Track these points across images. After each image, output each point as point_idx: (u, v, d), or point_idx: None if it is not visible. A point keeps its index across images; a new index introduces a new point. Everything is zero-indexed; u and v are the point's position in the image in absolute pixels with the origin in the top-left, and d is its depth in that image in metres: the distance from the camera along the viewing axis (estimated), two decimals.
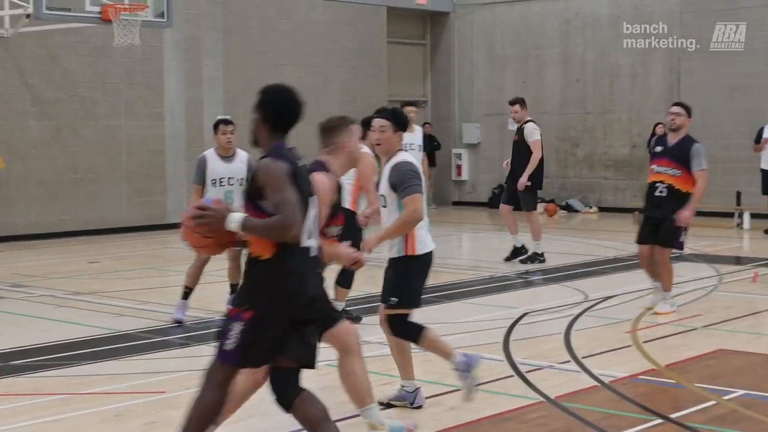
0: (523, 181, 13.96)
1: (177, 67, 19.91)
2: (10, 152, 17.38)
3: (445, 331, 7.90)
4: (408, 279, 6.70)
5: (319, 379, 6.95)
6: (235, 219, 4.98)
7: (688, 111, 10.29)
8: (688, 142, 10.16)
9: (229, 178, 10.21)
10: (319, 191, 5.40)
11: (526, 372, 7.86)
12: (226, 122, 10.54)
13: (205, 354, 9.00)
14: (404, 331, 6.73)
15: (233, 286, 10.23)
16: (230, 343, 5.02)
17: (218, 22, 20.58)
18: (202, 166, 10.20)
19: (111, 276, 13.55)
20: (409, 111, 12.58)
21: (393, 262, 6.78)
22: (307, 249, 5.19)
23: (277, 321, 5.04)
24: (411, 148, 12.26)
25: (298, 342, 5.13)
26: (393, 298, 6.67)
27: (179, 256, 15.37)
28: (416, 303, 6.78)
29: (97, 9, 14.73)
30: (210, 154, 10.36)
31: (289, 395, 5.18)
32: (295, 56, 21.88)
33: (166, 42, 19.56)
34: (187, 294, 10.15)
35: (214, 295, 11.01)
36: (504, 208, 14.44)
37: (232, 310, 5.08)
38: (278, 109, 5.26)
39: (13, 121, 17.61)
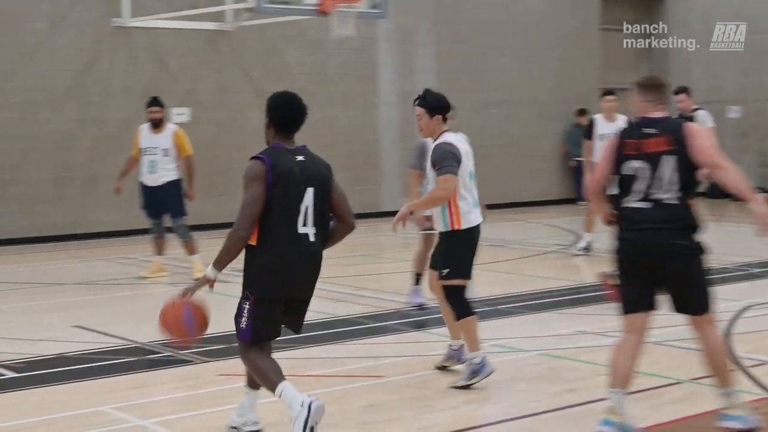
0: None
1: (390, 58, 20.19)
2: (233, 142, 18.06)
3: (667, 322, 7.70)
4: (454, 252, 7.26)
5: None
6: (208, 271, 5.88)
7: None
8: None
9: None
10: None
11: (750, 367, 7.59)
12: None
13: (421, 340, 9.15)
14: (454, 303, 7.26)
15: (417, 276, 10.23)
16: (242, 323, 5.83)
17: (430, 12, 20.73)
18: (420, 152, 9.89)
19: (327, 262, 13.78)
20: (609, 100, 12.49)
21: (441, 236, 7.40)
22: (299, 235, 5.81)
23: (271, 302, 5.80)
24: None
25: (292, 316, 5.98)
26: (444, 270, 7.23)
27: (392, 243, 15.62)
28: (465, 274, 7.27)
29: (315, 1, 15.07)
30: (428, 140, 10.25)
31: None
32: (506, 44, 21.80)
33: (379, 33, 19.86)
34: (417, 279, 10.25)
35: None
36: None
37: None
38: (279, 114, 5.97)
39: (236, 112, 18.27)
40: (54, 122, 16.49)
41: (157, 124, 12.53)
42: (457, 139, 7.40)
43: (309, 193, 5.82)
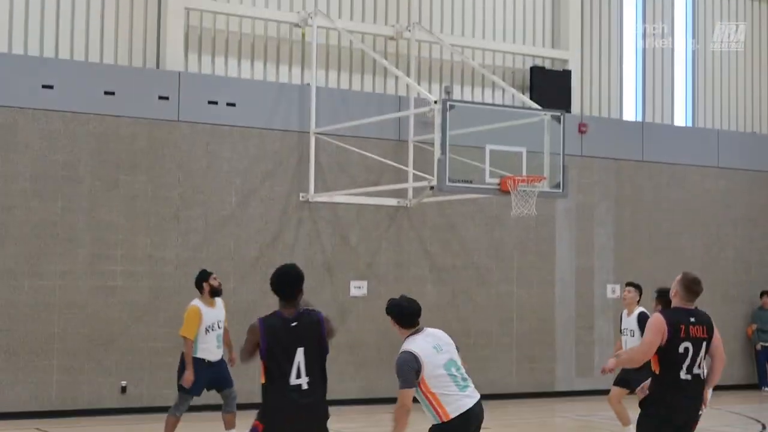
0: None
1: (568, 235, 20.18)
2: None
3: None
4: None
5: None
6: None
7: None
8: None
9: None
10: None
11: None
12: None
13: None
14: None
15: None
16: None
17: (611, 191, 20.73)
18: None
19: None
20: None
21: None
22: (292, 386, 7.20)
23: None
24: None
25: None
26: None
27: (569, 425, 15.26)
28: None
29: (497, 181, 15.29)
30: None
31: None
32: (689, 224, 21.53)
33: (558, 210, 19.94)
34: None
35: None
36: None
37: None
38: (275, 284, 7.44)
39: (412, 285, 18.45)
40: (240, 292, 17.01)
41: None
42: (420, 339, 7.82)
43: (299, 352, 7.24)
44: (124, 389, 16.21)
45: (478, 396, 7.81)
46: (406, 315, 7.97)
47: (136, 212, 16.49)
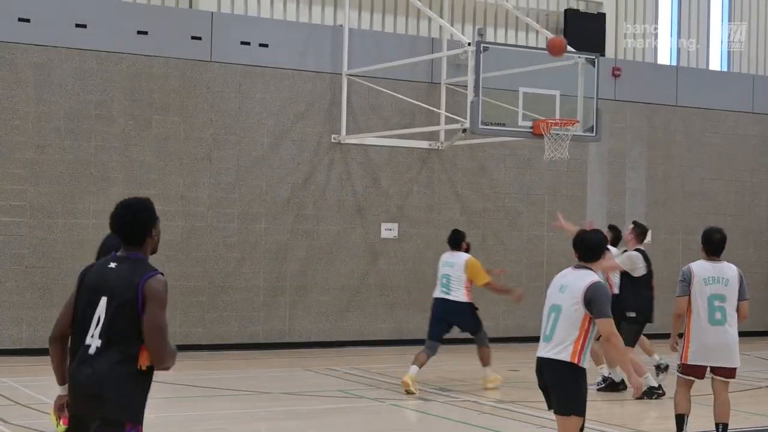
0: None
1: (600, 180, 20.11)
2: (439, 258, 18.24)
3: None
4: None
5: None
6: None
7: None
8: None
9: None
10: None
11: None
12: None
13: None
14: None
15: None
16: None
17: (644, 135, 20.60)
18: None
19: (531, 385, 13.67)
20: None
21: None
22: (83, 346, 5.37)
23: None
24: None
25: None
26: None
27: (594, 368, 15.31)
28: None
29: (529, 124, 15.22)
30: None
31: None
32: (721, 170, 21.39)
33: (590, 155, 19.85)
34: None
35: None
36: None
37: None
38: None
39: (443, 228, 18.41)
40: (271, 233, 17.11)
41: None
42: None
43: (102, 303, 5.40)
44: None
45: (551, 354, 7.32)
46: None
47: (169, 152, 16.57)
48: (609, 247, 12.48)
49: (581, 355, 7.10)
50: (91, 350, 5.30)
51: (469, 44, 15.19)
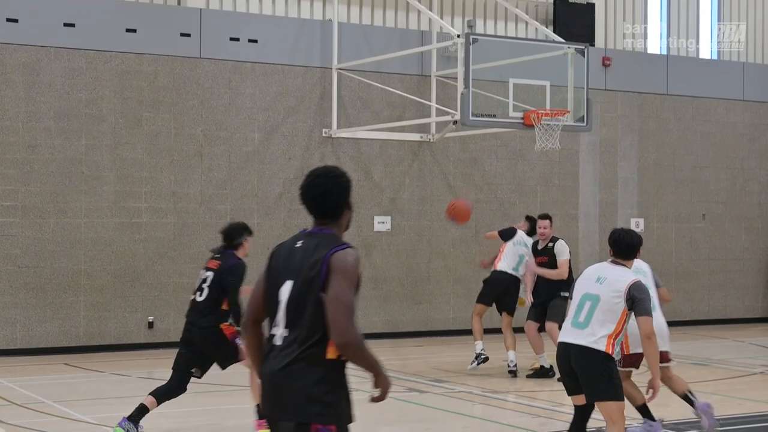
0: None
1: (592, 169, 20.13)
2: (432, 251, 18.32)
3: None
4: None
5: None
6: None
7: None
8: None
9: None
10: None
11: None
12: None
13: None
14: None
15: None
16: None
17: (635, 125, 20.62)
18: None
19: (524, 375, 13.72)
20: None
21: None
22: (271, 336, 4.72)
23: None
24: None
25: None
26: None
27: None
28: None
29: (520, 115, 15.24)
30: None
31: None
32: (713, 158, 21.43)
33: (582, 145, 19.88)
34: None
35: None
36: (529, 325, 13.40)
37: None
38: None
39: (435, 221, 18.51)
40: (263, 228, 17.10)
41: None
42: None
43: (286, 287, 4.72)
44: (151, 324, 16.39)
45: (582, 341, 7.45)
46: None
47: (160, 149, 16.56)
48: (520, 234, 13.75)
49: (614, 347, 7.38)
50: (277, 340, 4.66)
51: (458, 36, 15.20)
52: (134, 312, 16.32)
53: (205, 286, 9.44)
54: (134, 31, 16.38)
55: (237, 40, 17.13)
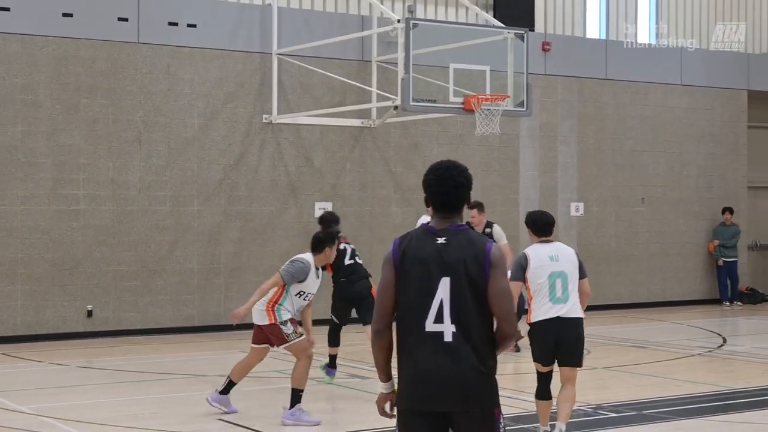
0: None
1: (532, 154, 20.23)
2: (374, 237, 18.27)
3: None
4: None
5: None
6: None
7: None
8: None
9: None
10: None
11: None
12: None
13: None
14: None
15: None
16: None
17: (574, 109, 20.75)
18: None
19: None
20: None
21: None
22: (427, 333, 4.80)
23: (408, 414, 4.97)
24: None
25: None
26: None
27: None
28: None
29: (460, 100, 15.24)
30: None
31: None
32: (651, 142, 21.64)
33: (522, 129, 19.96)
34: None
35: None
36: None
37: None
38: (429, 191, 5.01)
39: (377, 206, 18.50)
40: (203, 215, 16.98)
41: None
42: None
43: (444, 284, 4.79)
44: (90, 313, 16.20)
45: (569, 313, 8.27)
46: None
47: (98, 136, 16.34)
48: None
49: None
50: (447, 337, 4.73)
51: (399, 21, 15.15)
52: (73, 301, 16.12)
53: None
54: (71, 15, 16.12)
55: (176, 24, 16.94)
